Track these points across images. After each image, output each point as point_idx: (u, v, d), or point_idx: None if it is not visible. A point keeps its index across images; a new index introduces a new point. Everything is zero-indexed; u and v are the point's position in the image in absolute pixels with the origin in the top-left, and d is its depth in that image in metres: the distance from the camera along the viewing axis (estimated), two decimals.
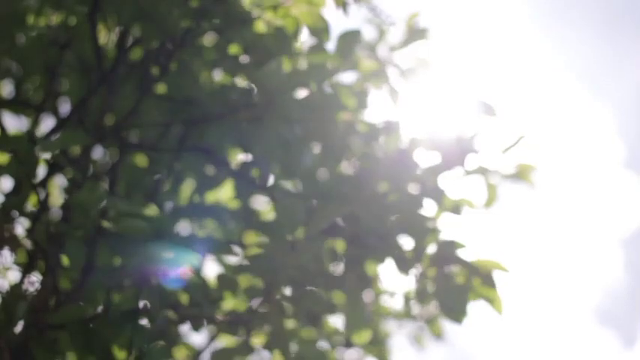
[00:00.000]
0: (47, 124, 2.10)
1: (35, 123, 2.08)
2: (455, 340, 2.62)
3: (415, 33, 2.28)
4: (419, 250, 2.01)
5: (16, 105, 2.14)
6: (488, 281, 1.94)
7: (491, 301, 1.94)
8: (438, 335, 2.57)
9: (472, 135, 2.14)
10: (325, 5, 2.04)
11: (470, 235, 2.11)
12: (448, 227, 2.09)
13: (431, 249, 2.00)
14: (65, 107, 2.14)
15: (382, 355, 2.40)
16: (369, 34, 2.27)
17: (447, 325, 2.60)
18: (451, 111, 2.16)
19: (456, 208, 2.12)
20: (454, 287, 1.96)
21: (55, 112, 2.12)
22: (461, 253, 1.98)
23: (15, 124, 2.17)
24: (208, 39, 2.05)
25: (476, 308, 1.99)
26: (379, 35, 2.28)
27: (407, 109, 2.21)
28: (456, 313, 1.96)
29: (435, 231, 2.03)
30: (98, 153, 2.05)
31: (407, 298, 2.44)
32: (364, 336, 2.29)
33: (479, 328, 2.01)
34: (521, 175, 2.20)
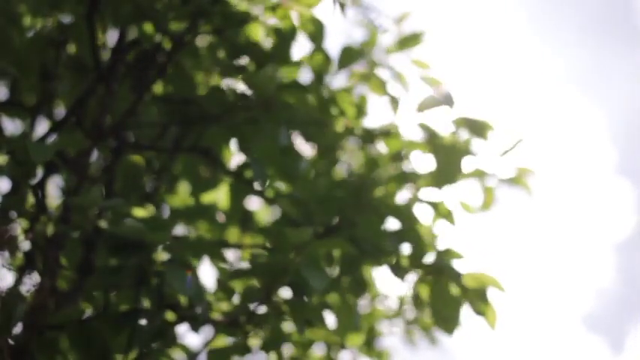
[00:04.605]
0: (44, 126, 2.10)
1: (32, 125, 2.08)
2: (445, 342, 2.63)
3: (410, 36, 2.28)
4: (415, 257, 2.01)
5: (11, 107, 2.14)
6: (483, 297, 1.94)
7: (485, 314, 1.95)
8: (430, 338, 2.57)
9: (469, 138, 2.15)
10: (319, 5, 2.04)
11: (466, 239, 2.11)
12: (444, 233, 2.10)
13: (428, 258, 2.00)
14: (62, 109, 2.14)
15: (379, 357, 2.40)
16: (364, 34, 2.28)
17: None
18: (447, 114, 2.16)
19: (452, 213, 2.13)
20: (449, 298, 1.96)
21: (51, 113, 2.12)
22: (457, 263, 1.98)
23: (11, 126, 2.17)
24: (205, 40, 2.05)
25: (468, 313, 1.99)
26: (374, 38, 2.28)
27: (403, 112, 2.21)
28: (449, 324, 1.96)
29: (431, 238, 2.04)
30: (96, 154, 2.05)
31: (403, 301, 2.45)
32: (357, 338, 2.29)
33: (470, 330, 2.02)
34: (518, 179, 2.21)
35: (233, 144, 2.10)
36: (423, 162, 2.15)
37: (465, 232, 2.18)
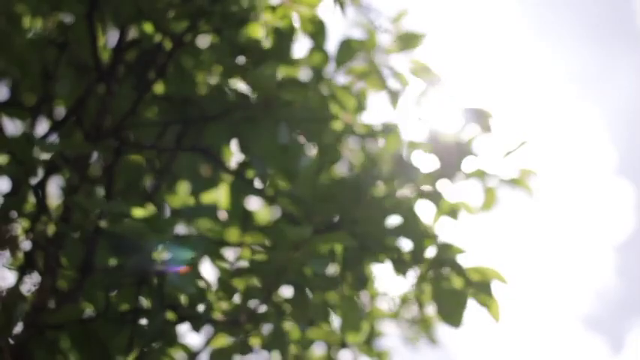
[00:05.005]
0: (44, 126, 2.10)
1: (32, 125, 2.08)
2: (445, 342, 2.63)
3: (410, 35, 2.28)
4: (417, 252, 2.01)
5: (12, 107, 2.14)
6: (486, 290, 1.94)
7: (488, 306, 1.95)
8: (431, 338, 2.57)
9: (470, 138, 2.15)
10: (320, 5, 2.04)
11: (468, 238, 2.11)
12: (446, 231, 2.10)
13: (430, 252, 2.00)
14: (62, 108, 2.14)
15: (379, 356, 2.40)
16: (364, 35, 2.27)
17: (438, 328, 2.61)
18: (449, 114, 2.16)
19: (453, 212, 2.13)
20: (452, 291, 1.96)
21: (51, 113, 2.12)
22: (459, 257, 1.98)
23: (11, 126, 2.17)
24: (205, 39, 2.05)
25: (468, 311, 1.99)
26: (375, 37, 2.28)
27: (405, 111, 2.21)
28: (453, 318, 1.96)
29: (433, 235, 2.03)
30: (96, 153, 2.05)
31: (403, 300, 2.45)
32: (358, 336, 2.29)
33: (469, 330, 2.02)
34: (519, 180, 2.21)
35: (233, 143, 2.10)
36: (424, 159, 2.15)
37: (466, 233, 2.18)
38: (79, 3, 2.00)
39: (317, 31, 2.08)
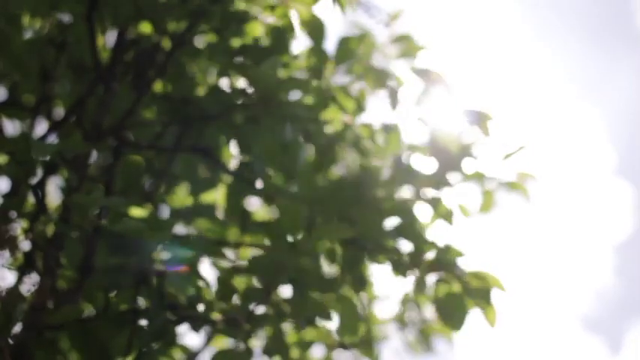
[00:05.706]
0: (43, 126, 2.10)
1: (31, 125, 2.08)
2: (445, 342, 2.63)
3: (411, 36, 2.28)
4: (416, 254, 2.01)
5: (11, 107, 2.14)
6: (485, 297, 1.94)
7: (486, 312, 1.94)
8: (429, 342, 2.57)
9: (469, 141, 2.15)
10: (318, 4, 2.04)
11: (466, 240, 2.11)
12: (445, 233, 2.10)
13: (429, 255, 2.00)
14: (61, 109, 2.14)
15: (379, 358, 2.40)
16: (364, 34, 2.27)
17: (438, 330, 2.61)
18: (449, 116, 2.16)
19: (451, 215, 2.12)
20: (452, 295, 1.96)
21: (50, 114, 2.12)
22: (458, 261, 1.98)
23: (11, 126, 2.17)
24: (205, 39, 2.05)
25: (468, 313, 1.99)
26: (374, 36, 2.28)
27: (404, 113, 2.21)
28: (454, 321, 1.95)
29: (431, 236, 2.03)
30: (95, 153, 2.05)
31: (403, 303, 2.45)
32: (355, 338, 2.28)
33: (468, 330, 2.02)
34: (517, 183, 2.21)
35: (233, 143, 2.10)
36: (423, 161, 2.15)
37: (465, 233, 2.18)
38: (77, 3, 2.00)
39: (315, 30, 2.07)
